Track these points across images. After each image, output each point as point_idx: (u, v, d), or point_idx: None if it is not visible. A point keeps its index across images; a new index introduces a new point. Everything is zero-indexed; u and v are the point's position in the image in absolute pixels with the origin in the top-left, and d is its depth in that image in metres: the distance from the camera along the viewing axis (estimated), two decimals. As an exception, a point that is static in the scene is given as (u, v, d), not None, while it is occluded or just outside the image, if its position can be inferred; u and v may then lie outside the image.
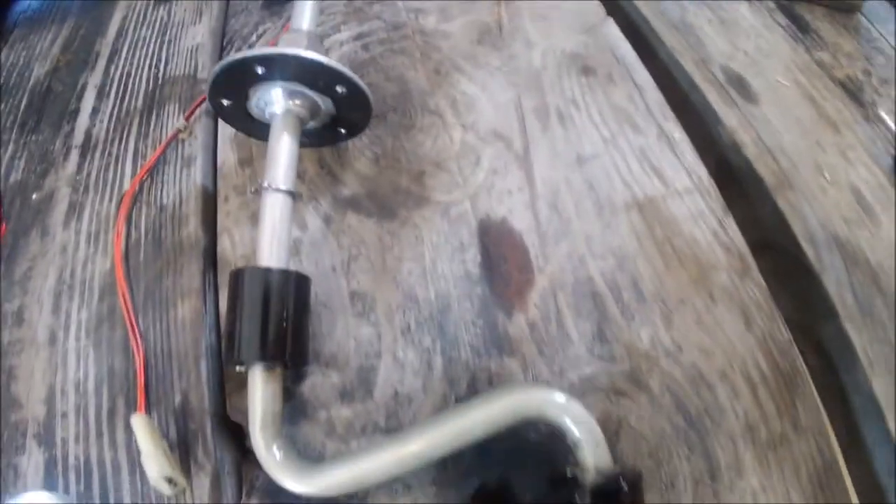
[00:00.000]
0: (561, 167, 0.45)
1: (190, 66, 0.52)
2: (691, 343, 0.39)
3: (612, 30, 0.52)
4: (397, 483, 0.34)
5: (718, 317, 0.40)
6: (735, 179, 0.48)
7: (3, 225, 0.46)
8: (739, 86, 0.51)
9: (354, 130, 0.43)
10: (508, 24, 0.51)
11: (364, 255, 0.41)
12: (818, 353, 0.43)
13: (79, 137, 0.50)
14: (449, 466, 0.35)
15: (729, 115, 0.49)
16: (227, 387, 0.37)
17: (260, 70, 0.37)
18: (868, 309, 0.43)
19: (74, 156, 0.48)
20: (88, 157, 0.48)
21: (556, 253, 0.41)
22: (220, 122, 0.48)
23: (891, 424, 0.39)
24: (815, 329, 0.43)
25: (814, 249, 0.44)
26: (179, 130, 0.46)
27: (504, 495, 0.34)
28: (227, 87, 0.39)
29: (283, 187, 0.37)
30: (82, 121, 0.51)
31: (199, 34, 0.54)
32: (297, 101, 0.39)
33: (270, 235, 0.36)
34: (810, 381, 0.39)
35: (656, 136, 0.47)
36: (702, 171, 0.46)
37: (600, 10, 0.54)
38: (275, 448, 0.33)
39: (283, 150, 0.38)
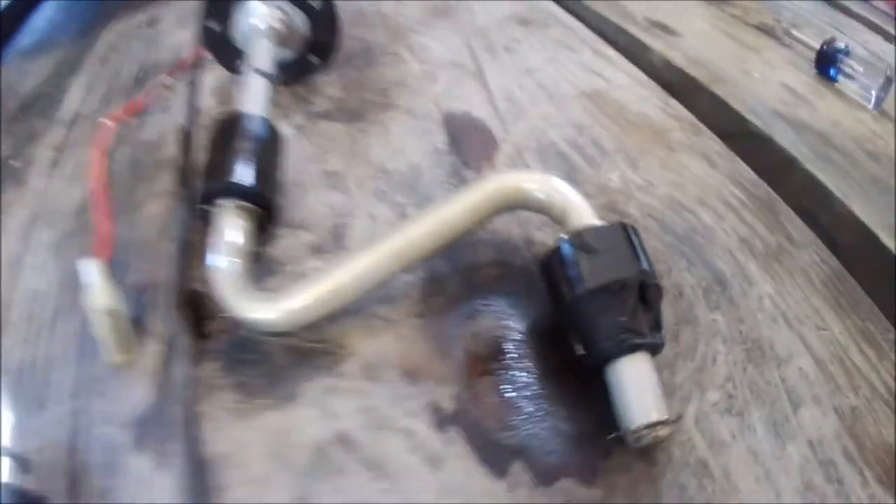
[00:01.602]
0: (512, 77, 0.43)
1: (175, 54, 0.51)
2: (661, 180, 0.35)
3: (545, 2, 0.55)
4: (375, 319, 0.28)
5: (682, 161, 0.37)
6: (671, 90, 0.45)
7: None
8: (662, 28, 0.53)
9: (325, 57, 0.42)
10: (456, 3, 0.53)
11: (335, 147, 0.37)
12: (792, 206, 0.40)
13: (65, 116, 0.47)
14: (433, 296, 0.29)
15: (657, 43, 0.50)
16: (194, 262, 0.31)
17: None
18: (825, 156, 0.41)
19: (61, 128, 0.45)
20: (74, 128, 0.45)
21: (517, 128, 0.38)
22: (200, 80, 0.47)
23: (886, 241, 0.34)
24: (780, 183, 0.41)
25: (760, 119, 0.43)
26: (163, 85, 0.45)
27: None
28: (216, 8, 0.39)
29: (262, 68, 0.35)
30: (70, 105, 0.48)
31: (184, 36, 0.53)
32: (277, 15, 0.39)
33: (247, 93, 0.34)
34: (789, 206, 0.36)
35: (592, 53, 0.46)
36: (639, 73, 0.45)
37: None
38: (239, 277, 0.27)
39: (263, 46, 0.37)
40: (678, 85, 0.45)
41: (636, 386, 0.23)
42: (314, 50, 0.42)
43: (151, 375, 0.27)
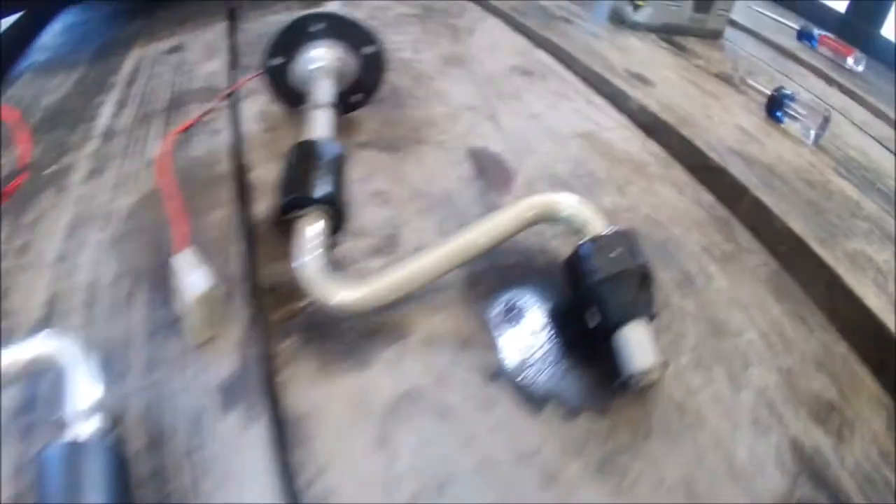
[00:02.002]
0: (520, 121, 0.54)
1: (208, 82, 0.59)
2: (642, 203, 0.46)
3: (541, 54, 0.66)
4: (430, 305, 0.37)
5: (657, 189, 0.48)
6: (648, 131, 0.57)
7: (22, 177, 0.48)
8: (639, 78, 0.65)
9: (367, 96, 0.52)
10: (465, 53, 0.65)
11: (379, 172, 0.47)
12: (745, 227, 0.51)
13: (98, 130, 0.53)
14: (475, 287, 0.39)
15: (635, 92, 0.62)
16: (261, 261, 0.39)
17: (314, 28, 0.47)
18: (770, 184, 0.52)
19: (95, 141, 0.52)
20: (111, 142, 0.52)
21: (528, 163, 0.49)
22: (244, 108, 0.56)
23: (816, 249, 0.45)
24: (734, 205, 0.52)
25: (717, 154, 0.54)
26: (213, 109, 0.54)
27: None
28: (283, 45, 0.48)
29: (327, 101, 0.45)
30: (101, 121, 0.55)
31: (214, 66, 0.62)
32: (335, 58, 0.48)
33: (317, 122, 0.43)
34: (741, 223, 0.47)
35: (584, 103, 0.58)
36: (623, 119, 0.56)
37: (529, 44, 0.69)
38: (324, 268, 0.35)
39: (326, 83, 0.47)
40: (653, 127, 0.57)
41: (638, 343, 0.32)
42: (359, 89, 0.52)
43: (234, 350, 0.34)
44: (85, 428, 0.29)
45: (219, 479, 0.29)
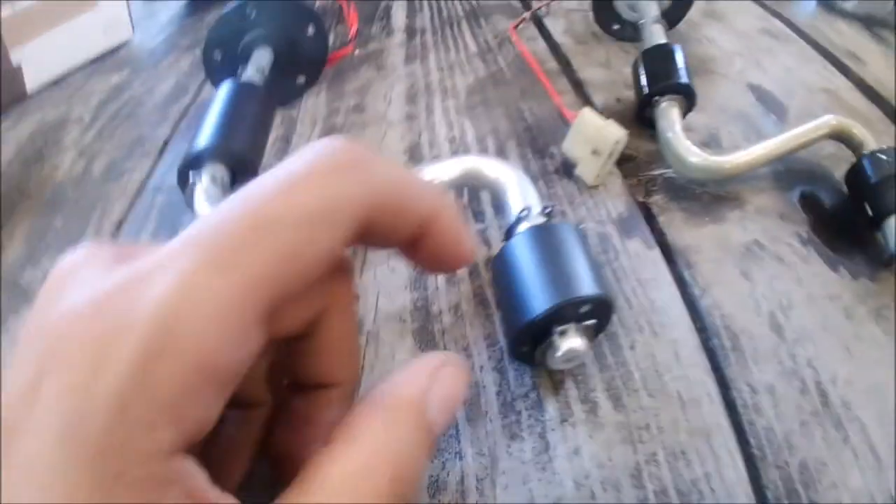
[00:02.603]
0: (776, 71, 0.71)
1: (496, 2, 0.78)
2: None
3: (777, 22, 0.81)
4: (753, 187, 0.55)
5: (883, 141, 0.66)
6: (868, 97, 0.75)
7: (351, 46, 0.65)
8: (853, 56, 0.82)
9: (671, 26, 0.69)
10: (718, 11, 0.81)
11: None
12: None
13: (397, 28, 0.70)
14: (777, 179, 0.56)
15: (854, 66, 0.78)
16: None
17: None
18: None
19: (399, 35, 0.69)
20: (414, 37, 0.68)
21: (793, 103, 0.66)
22: (549, 24, 0.74)
23: None
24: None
25: None
26: (523, 19, 0.73)
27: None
28: None
29: (658, 19, 0.63)
30: (397, 22, 0.71)
31: None
32: None
33: (658, 33, 0.61)
34: None
35: (821, 66, 0.74)
36: (850, 84, 0.72)
37: (765, 13, 0.84)
38: (685, 141, 0.53)
39: (653, 6, 0.64)
40: (871, 95, 0.73)
41: (905, 229, 0.50)
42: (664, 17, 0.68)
43: (619, 196, 0.53)
44: (541, 220, 0.41)
45: (634, 284, 0.46)
